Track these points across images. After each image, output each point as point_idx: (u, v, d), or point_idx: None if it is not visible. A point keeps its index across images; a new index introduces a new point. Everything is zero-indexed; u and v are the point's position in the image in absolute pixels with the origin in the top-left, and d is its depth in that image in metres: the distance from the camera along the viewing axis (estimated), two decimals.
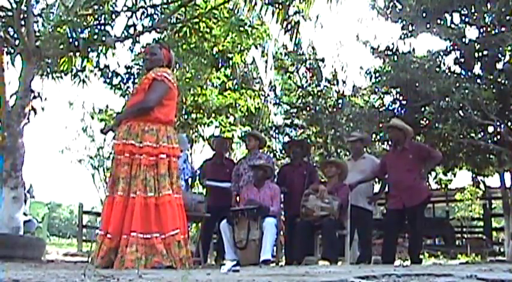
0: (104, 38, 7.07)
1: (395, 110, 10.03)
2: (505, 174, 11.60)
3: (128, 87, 8.45)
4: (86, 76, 7.96)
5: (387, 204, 6.62)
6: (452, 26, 9.53)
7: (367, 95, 12.18)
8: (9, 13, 6.82)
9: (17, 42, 6.84)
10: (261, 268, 4.97)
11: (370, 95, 11.81)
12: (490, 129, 9.22)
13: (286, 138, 13.17)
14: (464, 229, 16.54)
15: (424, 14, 9.53)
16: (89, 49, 7.09)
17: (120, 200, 4.28)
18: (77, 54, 7.29)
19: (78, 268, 3.99)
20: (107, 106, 13.85)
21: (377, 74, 10.10)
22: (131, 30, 7.54)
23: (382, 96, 10.78)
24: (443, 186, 13.29)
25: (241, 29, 8.92)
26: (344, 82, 13.14)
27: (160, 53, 4.67)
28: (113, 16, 7.48)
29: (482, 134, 9.23)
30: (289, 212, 6.94)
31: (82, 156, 18.94)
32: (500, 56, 8.99)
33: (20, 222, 6.29)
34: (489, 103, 8.28)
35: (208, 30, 8.33)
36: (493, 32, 8.99)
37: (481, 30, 9.29)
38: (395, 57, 9.93)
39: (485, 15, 9.01)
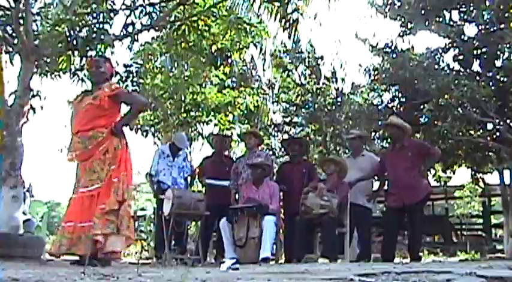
0: (102, 37, 7.05)
1: (394, 108, 10.04)
2: (504, 171, 11.63)
3: (127, 85, 8.41)
4: (84, 75, 7.94)
5: (387, 202, 6.62)
6: (451, 23, 9.53)
7: (366, 93, 12.18)
8: (8, 12, 6.81)
9: (15, 41, 6.82)
10: (260, 266, 4.98)
11: (369, 92, 11.81)
12: (489, 126, 9.23)
13: (285, 136, 13.16)
14: (464, 226, 16.57)
15: (422, 12, 9.54)
16: (88, 48, 7.07)
17: None
18: (76, 52, 7.27)
19: (77, 267, 3.99)
20: None
21: (376, 72, 10.10)
22: (130, 29, 7.51)
23: (381, 93, 10.78)
24: (442, 183, 13.29)
25: (240, 27, 8.90)
26: (343, 80, 13.16)
27: (105, 67, 4.93)
28: (111, 14, 7.45)
29: (481, 131, 9.24)
30: (288, 210, 6.94)
31: None
32: (499, 53, 9.00)
33: (19, 221, 6.29)
34: (488, 100, 8.29)
35: (206, 28, 8.30)
36: (491, 30, 9.00)
37: (480, 28, 9.29)
38: (394, 55, 9.94)
39: (484, 12, 9.01)
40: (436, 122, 8.94)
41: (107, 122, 4.70)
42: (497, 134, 9.13)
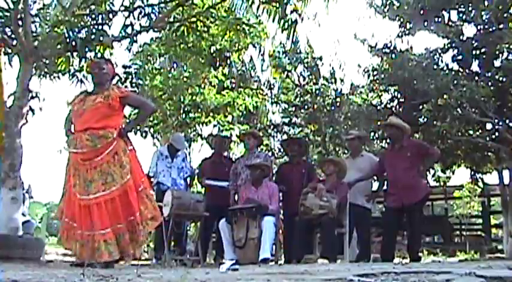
0: (101, 38, 7.04)
1: (393, 108, 10.04)
2: (503, 171, 11.63)
3: (126, 86, 8.41)
4: (83, 76, 7.94)
5: (386, 202, 6.63)
6: (450, 23, 9.53)
7: (365, 93, 12.18)
8: (7, 13, 6.80)
9: (14, 42, 6.81)
10: (260, 267, 4.97)
11: (368, 93, 11.81)
12: (488, 126, 9.23)
13: (285, 137, 13.16)
14: (463, 226, 16.58)
15: (421, 12, 9.54)
16: (87, 49, 7.05)
17: None
18: (75, 54, 7.26)
19: (77, 268, 3.99)
20: None
21: (375, 72, 10.10)
22: (129, 30, 7.51)
23: (380, 94, 10.79)
24: (441, 183, 13.31)
25: (239, 27, 8.91)
26: (342, 80, 13.15)
27: (107, 68, 4.92)
28: (110, 16, 7.44)
29: (480, 131, 9.24)
30: (288, 210, 6.93)
31: None
32: (498, 53, 9.00)
33: (18, 222, 6.28)
34: (487, 100, 8.29)
35: (205, 29, 8.30)
36: (490, 30, 9.00)
37: (479, 28, 9.30)
38: (393, 55, 9.94)
39: (482, 12, 9.02)
40: (435, 122, 8.95)
41: (116, 123, 4.73)
42: (496, 134, 9.14)
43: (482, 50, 9.22)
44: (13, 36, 6.81)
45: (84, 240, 4.43)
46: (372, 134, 10.04)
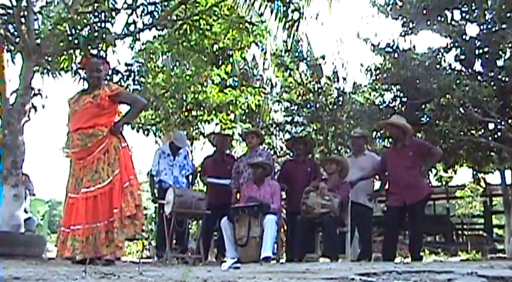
0: (104, 36, 7.05)
1: (396, 107, 10.02)
2: (506, 171, 11.61)
3: (129, 84, 8.42)
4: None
5: (388, 202, 6.63)
6: (453, 23, 9.50)
7: (367, 92, 12.14)
8: (10, 11, 6.81)
9: (17, 39, 6.83)
10: (261, 265, 4.98)
11: (370, 92, 11.77)
12: (491, 126, 9.21)
13: (287, 136, 13.15)
14: (465, 226, 16.56)
15: (424, 11, 9.51)
16: (89, 46, 7.07)
17: None
18: (77, 51, 7.28)
19: (78, 265, 4.00)
20: None
21: (377, 71, 10.07)
22: (131, 28, 7.52)
23: (382, 93, 10.75)
24: (443, 183, 13.29)
25: (241, 26, 8.91)
26: (344, 79, 13.10)
27: (104, 68, 5.02)
28: (113, 13, 7.46)
29: (482, 131, 9.22)
30: (292, 208, 6.94)
31: None
32: (500, 53, 8.97)
33: (20, 219, 6.29)
34: (490, 100, 8.27)
35: (208, 27, 8.31)
36: (493, 29, 8.98)
37: (482, 27, 9.27)
38: (396, 55, 9.91)
39: (485, 12, 9.00)
40: (437, 122, 8.92)
41: (107, 121, 4.75)
42: (499, 133, 9.12)
43: (485, 50, 9.19)
44: (16, 33, 6.83)
45: (64, 237, 4.48)
46: (374, 133, 10.03)
